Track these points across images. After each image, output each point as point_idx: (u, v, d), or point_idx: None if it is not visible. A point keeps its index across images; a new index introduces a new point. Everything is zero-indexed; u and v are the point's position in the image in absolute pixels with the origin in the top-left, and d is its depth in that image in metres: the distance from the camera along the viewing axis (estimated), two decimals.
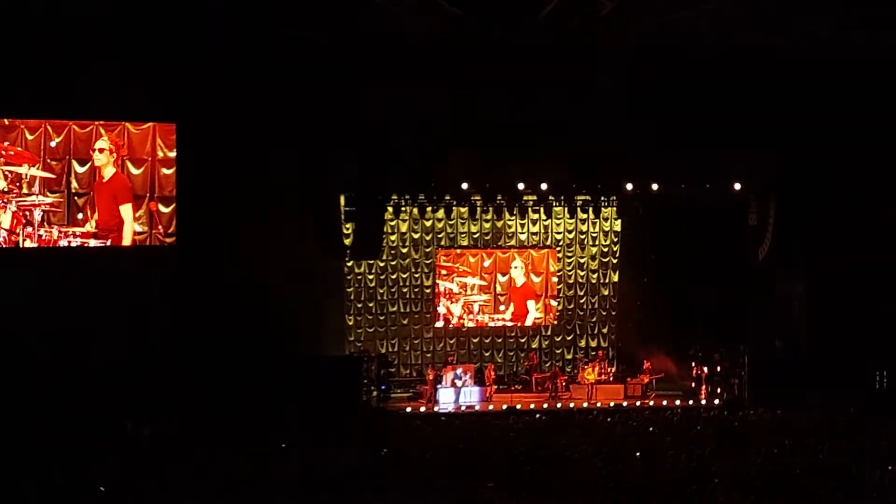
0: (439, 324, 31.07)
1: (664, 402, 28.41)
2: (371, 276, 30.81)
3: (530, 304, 31.42)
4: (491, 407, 28.08)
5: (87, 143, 26.02)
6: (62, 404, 23.37)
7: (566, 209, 31.14)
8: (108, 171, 26.24)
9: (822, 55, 24.66)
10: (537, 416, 26.49)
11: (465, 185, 28.92)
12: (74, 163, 25.98)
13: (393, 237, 30.81)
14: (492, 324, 31.25)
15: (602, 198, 30.76)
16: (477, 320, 31.16)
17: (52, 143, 25.74)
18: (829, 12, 23.03)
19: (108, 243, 26.24)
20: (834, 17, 23.31)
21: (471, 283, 31.14)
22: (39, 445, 20.69)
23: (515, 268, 31.23)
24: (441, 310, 30.95)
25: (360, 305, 30.76)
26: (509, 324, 31.39)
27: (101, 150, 26.01)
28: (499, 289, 31.35)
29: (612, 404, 28.17)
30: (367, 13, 23.30)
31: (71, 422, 22.41)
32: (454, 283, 31.07)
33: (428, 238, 31.11)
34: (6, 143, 25.57)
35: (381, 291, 30.95)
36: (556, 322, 31.73)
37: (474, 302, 31.17)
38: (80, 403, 23.43)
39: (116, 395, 23.94)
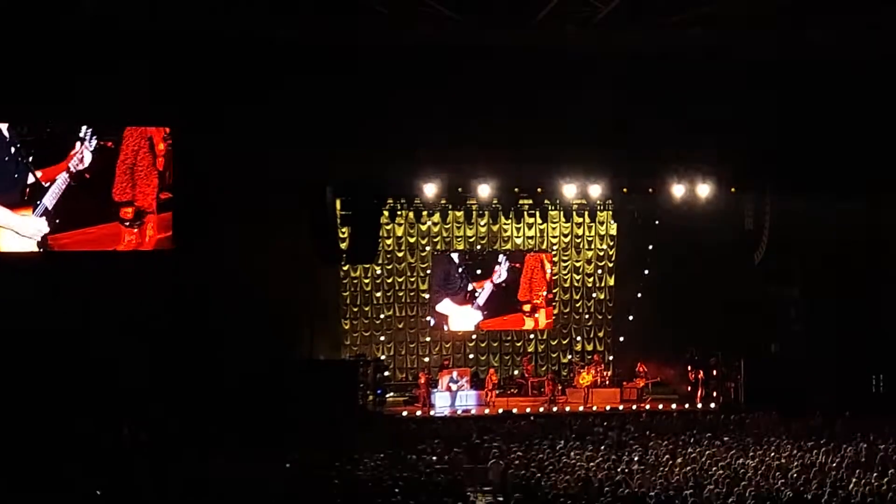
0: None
1: (660, 406, 28.41)
2: (367, 281, 30.83)
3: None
4: (487, 411, 28.07)
5: None
6: (60, 408, 23.35)
7: (561, 213, 31.14)
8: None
9: (817, 57, 24.66)
10: (533, 419, 26.48)
11: (460, 189, 28.90)
12: None
13: (389, 241, 30.81)
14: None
15: (597, 201, 30.74)
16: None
17: None
18: (823, 13, 23.06)
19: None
20: (826, 19, 23.34)
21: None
22: (36, 448, 20.65)
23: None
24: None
25: (356, 310, 30.80)
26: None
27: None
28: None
29: (608, 408, 28.19)
30: (363, 16, 23.31)
31: (68, 425, 22.38)
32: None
33: (424, 242, 31.11)
34: None
35: (377, 296, 30.97)
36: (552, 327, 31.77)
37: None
38: (78, 407, 23.41)
39: (113, 399, 23.91)
